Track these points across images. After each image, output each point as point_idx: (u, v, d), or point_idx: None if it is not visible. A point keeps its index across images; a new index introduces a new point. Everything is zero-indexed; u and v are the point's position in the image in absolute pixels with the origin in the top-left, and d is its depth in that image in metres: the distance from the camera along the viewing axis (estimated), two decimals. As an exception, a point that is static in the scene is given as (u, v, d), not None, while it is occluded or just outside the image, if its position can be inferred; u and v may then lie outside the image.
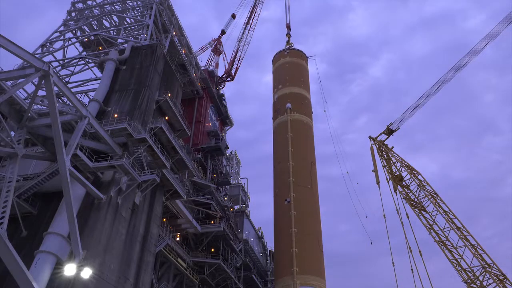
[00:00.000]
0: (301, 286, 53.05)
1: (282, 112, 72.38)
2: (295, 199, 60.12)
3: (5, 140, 25.52)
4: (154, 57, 41.74)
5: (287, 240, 56.85)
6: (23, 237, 28.09)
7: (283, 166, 65.17)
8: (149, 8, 52.94)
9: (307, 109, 74.42)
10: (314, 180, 65.39)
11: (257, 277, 63.89)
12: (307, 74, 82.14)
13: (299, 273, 53.82)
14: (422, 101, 47.16)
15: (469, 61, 45.08)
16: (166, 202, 39.67)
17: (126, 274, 29.17)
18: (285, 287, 54.00)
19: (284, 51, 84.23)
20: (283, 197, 61.85)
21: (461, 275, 38.72)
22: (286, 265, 55.36)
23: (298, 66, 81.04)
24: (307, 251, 56.47)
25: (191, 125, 59.41)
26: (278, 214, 62.61)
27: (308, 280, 53.87)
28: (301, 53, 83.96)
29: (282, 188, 63.51)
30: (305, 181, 63.45)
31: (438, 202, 42.55)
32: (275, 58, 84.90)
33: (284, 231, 58.37)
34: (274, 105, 77.24)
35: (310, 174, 64.98)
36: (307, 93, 77.45)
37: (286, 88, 76.20)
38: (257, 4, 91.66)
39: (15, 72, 26.00)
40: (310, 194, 62.74)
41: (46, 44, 48.63)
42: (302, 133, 69.81)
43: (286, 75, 78.78)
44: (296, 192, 61.20)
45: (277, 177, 66.77)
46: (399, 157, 47.11)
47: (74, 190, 26.26)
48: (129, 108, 36.46)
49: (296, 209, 59.08)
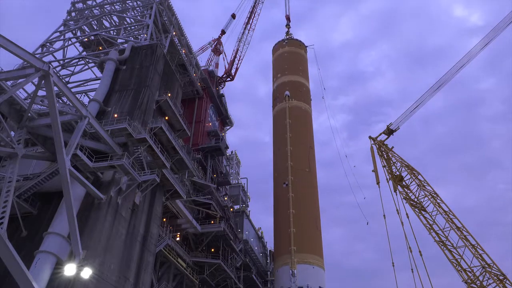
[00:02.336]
0: (298, 263, 55.15)
1: (281, 100, 74.88)
2: (293, 182, 62.60)
3: (5, 140, 25.50)
4: (154, 57, 41.74)
5: (285, 221, 59.28)
6: (23, 237, 28.07)
7: (282, 151, 67.66)
8: (149, 8, 52.91)
9: (305, 96, 76.90)
10: (312, 164, 67.98)
11: (257, 277, 63.87)
12: (306, 63, 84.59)
13: (297, 251, 56.20)
14: (421, 102, 47.19)
15: (468, 62, 45.10)
16: (166, 202, 39.65)
17: (126, 274, 29.17)
18: (284, 265, 56.33)
19: (283, 41, 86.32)
20: (282, 181, 64.37)
21: (461, 275, 38.70)
22: (285, 244, 57.77)
23: (297, 55, 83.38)
24: (305, 231, 59.04)
25: (191, 125, 59.42)
26: (277, 197, 65.13)
27: (306, 258, 56.34)
28: (299, 43, 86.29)
29: (281, 172, 66.02)
30: (303, 165, 66.04)
31: (438, 202, 42.51)
32: (274, 48, 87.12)
33: (283, 213, 60.87)
34: (273, 93, 79.66)
35: (308, 158, 67.58)
36: (305, 81, 79.83)
37: (285, 77, 78.64)
38: (257, 4, 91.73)
39: (15, 72, 25.99)
40: (308, 177, 65.31)
41: (46, 44, 48.62)
42: (301, 119, 72.42)
43: (285, 64, 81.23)
44: (294, 176, 63.70)
45: (276, 162, 69.31)
46: (399, 157, 47.08)
47: (74, 190, 26.26)
48: (129, 108, 36.45)
49: (294, 191, 61.59)
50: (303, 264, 55.41)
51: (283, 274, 56.18)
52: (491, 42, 43.81)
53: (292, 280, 53.95)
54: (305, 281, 54.31)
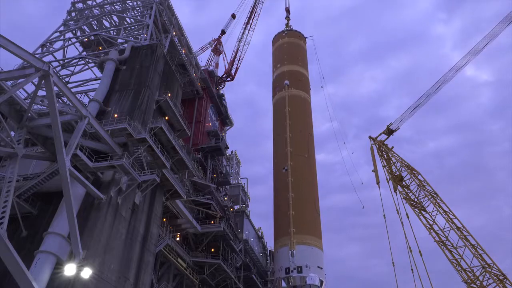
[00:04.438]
0: (297, 244, 56.79)
1: (280, 89, 77.12)
2: (293, 167, 64.70)
3: (5, 140, 25.50)
4: (154, 57, 41.73)
5: (285, 204, 61.23)
6: (23, 237, 28.08)
7: (281, 138, 70.08)
8: (149, 8, 52.91)
9: (305, 85, 79.24)
10: (311, 149, 70.48)
11: (257, 277, 63.83)
12: (305, 53, 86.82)
13: (296, 233, 57.92)
14: (422, 102, 47.25)
15: (469, 61, 45.20)
16: (166, 202, 39.65)
17: (126, 274, 29.17)
18: (283, 246, 58.07)
19: (282, 32, 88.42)
20: (282, 166, 66.55)
21: (461, 275, 38.72)
22: (284, 226, 59.51)
23: (296, 46, 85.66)
24: (304, 213, 60.99)
25: (191, 125, 59.41)
26: (277, 181, 67.37)
27: (305, 239, 57.99)
28: (299, 34, 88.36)
29: (280, 158, 68.45)
30: (302, 150, 68.26)
31: (438, 202, 42.54)
32: (274, 40, 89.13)
33: (282, 197, 62.84)
34: (273, 83, 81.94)
35: (307, 145, 69.88)
36: (305, 70, 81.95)
37: (285, 66, 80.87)
38: (257, 4, 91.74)
39: (15, 72, 25.96)
40: (307, 162, 67.58)
41: (46, 44, 48.62)
42: (300, 107, 74.69)
43: (284, 55, 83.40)
44: (294, 161, 65.89)
45: (276, 148, 71.78)
46: (399, 157, 47.12)
47: (74, 190, 26.26)
48: (129, 108, 36.45)
49: (293, 176, 63.69)
50: (302, 245, 57.02)
51: (283, 255, 57.70)
52: (490, 42, 44.00)
53: (291, 260, 55.62)
54: (303, 261, 55.89)
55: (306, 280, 55.03)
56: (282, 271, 56.81)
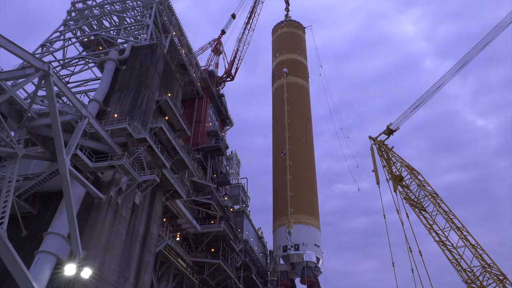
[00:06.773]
0: (295, 223, 59.13)
1: (279, 77, 79.35)
2: (291, 151, 67.48)
3: (5, 140, 25.49)
4: (154, 57, 41.72)
5: (283, 186, 63.69)
6: (23, 237, 28.09)
7: (280, 123, 72.63)
8: (149, 8, 52.90)
9: (303, 73, 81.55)
10: (309, 135, 73.06)
11: (257, 277, 63.79)
12: (304, 42, 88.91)
13: (293, 213, 60.26)
14: (421, 102, 47.27)
15: (470, 60, 45.25)
16: (166, 202, 39.65)
17: (126, 274, 29.17)
18: (281, 225, 60.22)
19: (282, 22, 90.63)
20: (280, 150, 69.18)
21: (461, 275, 38.72)
22: (283, 207, 61.74)
23: (295, 35, 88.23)
24: (301, 194, 63.38)
25: (191, 125, 59.40)
26: (275, 165, 70.02)
27: (302, 218, 60.46)
28: (298, 24, 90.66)
29: (279, 142, 71.06)
30: (300, 135, 71.04)
31: (438, 202, 42.53)
32: (274, 30, 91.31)
33: (281, 179, 65.40)
34: (272, 72, 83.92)
35: (305, 130, 72.68)
36: (303, 59, 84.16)
37: (284, 55, 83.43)
38: (257, 4, 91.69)
39: (15, 72, 25.98)
40: (304, 147, 70.38)
41: (46, 44, 48.61)
42: (298, 94, 77.23)
43: (283, 44, 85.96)
44: (292, 145, 68.64)
45: (275, 133, 74.22)
46: (399, 157, 47.12)
47: (74, 190, 26.26)
48: (129, 108, 36.45)
49: (291, 159, 66.52)
50: (299, 224, 59.01)
51: (280, 234, 59.63)
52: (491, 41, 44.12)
53: (288, 238, 57.69)
54: (301, 239, 57.73)
55: (303, 257, 57.02)
56: (280, 249, 59.06)
